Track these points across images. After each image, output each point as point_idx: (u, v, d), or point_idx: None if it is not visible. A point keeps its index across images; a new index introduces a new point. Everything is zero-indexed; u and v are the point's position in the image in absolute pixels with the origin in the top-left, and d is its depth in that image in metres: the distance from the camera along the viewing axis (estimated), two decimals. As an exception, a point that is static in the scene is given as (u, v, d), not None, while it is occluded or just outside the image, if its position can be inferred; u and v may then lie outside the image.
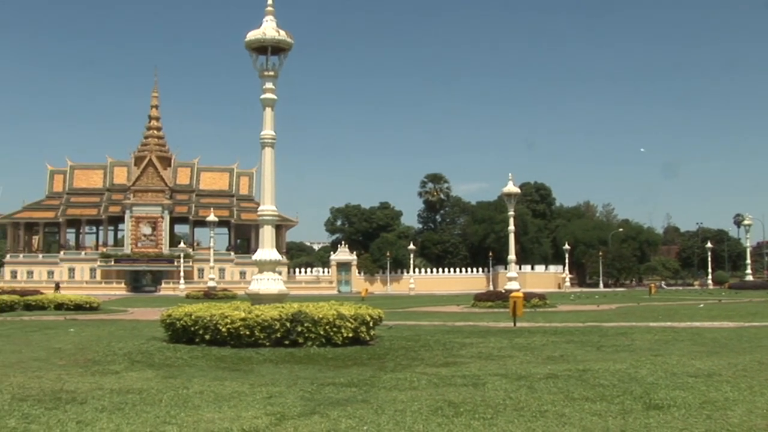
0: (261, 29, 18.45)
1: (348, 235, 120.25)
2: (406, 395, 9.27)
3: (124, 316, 31.74)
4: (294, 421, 7.72)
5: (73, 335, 19.33)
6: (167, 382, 10.49)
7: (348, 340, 15.22)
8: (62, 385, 10.18)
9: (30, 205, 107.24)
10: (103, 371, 11.75)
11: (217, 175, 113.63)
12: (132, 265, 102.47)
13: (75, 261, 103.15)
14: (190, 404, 8.68)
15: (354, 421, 7.67)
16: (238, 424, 7.51)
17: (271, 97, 18.68)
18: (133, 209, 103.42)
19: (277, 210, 19.12)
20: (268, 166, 18.78)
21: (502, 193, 41.63)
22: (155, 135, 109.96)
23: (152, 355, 13.98)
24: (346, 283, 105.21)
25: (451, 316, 30.34)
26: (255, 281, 18.44)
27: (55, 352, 14.75)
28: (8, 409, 8.35)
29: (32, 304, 34.30)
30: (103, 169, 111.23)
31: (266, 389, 9.73)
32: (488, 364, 12.58)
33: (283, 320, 15.06)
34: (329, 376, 11.08)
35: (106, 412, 8.20)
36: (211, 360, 13.17)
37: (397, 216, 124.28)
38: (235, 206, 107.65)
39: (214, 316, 15.42)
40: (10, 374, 11.33)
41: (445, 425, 7.51)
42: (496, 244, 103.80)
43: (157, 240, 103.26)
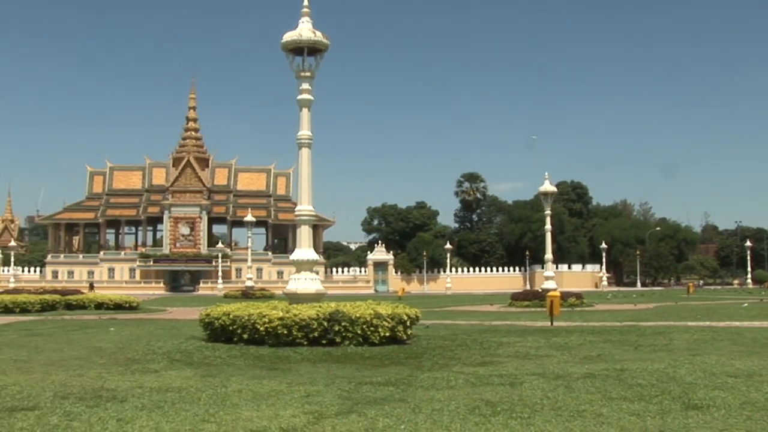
0: (297, 30, 18.50)
1: (385, 234, 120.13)
2: (443, 394, 9.26)
3: (163, 315, 32.00)
4: (332, 419, 7.74)
5: (113, 334, 19.53)
6: (206, 380, 10.57)
7: (385, 340, 15.24)
8: (103, 383, 10.29)
9: (70, 206, 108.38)
10: (143, 370, 11.87)
11: (254, 175, 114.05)
12: (171, 265, 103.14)
13: (114, 261, 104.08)
14: (228, 403, 8.74)
15: (391, 420, 7.68)
16: (276, 423, 7.55)
17: (307, 97, 18.73)
18: (171, 210, 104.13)
19: (314, 210, 19.15)
20: (305, 166, 18.83)
21: (539, 192, 41.46)
22: (193, 136, 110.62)
23: (191, 354, 14.09)
24: (383, 282, 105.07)
25: (488, 315, 30.26)
26: (293, 281, 18.50)
27: (95, 351, 14.91)
28: (51, 407, 8.46)
29: (73, 304, 34.73)
30: (142, 170, 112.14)
31: (304, 388, 9.77)
32: (525, 364, 12.54)
33: (320, 319, 15.10)
34: (366, 375, 11.10)
35: (146, 410, 8.28)
36: (250, 359, 13.24)
37: (433, 215, 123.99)
38: (273, 206, 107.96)
39: (252, 316, 15.50)
40: (52, 372, 11.49)
41: (483, 424, 7.50)
42: (533, 244, 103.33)
43: (196, 240, 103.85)
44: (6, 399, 9.00)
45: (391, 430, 7.31)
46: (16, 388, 9.85)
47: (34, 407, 8.45)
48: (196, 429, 7.36)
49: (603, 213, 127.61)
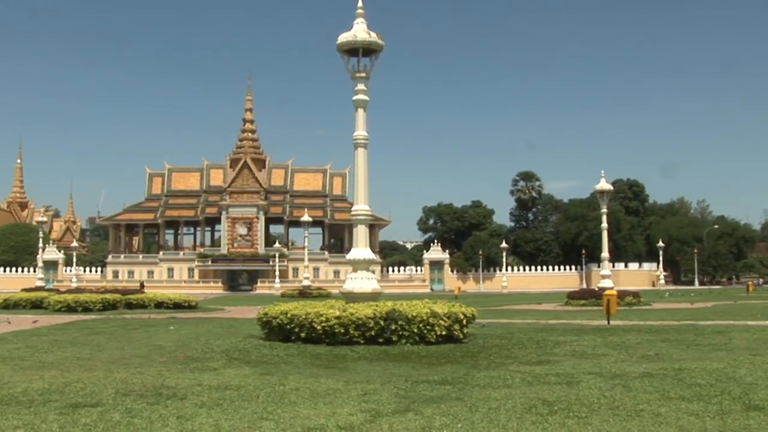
0: (352, 32, 18.55)
1: (440, 233, 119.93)
2: (499, 393, 9.23)
3: (221, 314, 32.29)
4: (388, 418, 7.75)
5: (173, 333, 19.78)
6: (264, 378, 10.65)
7: (441, 338, 15.22)
8: (163, 381, 10.43)
9: (130, 208, 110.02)
10: (202, 368, 12.00)
11: (310, 176, 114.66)
12: (228, 264, 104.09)
13: (173, 261, 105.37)
14: (286, 400, 8.80)
15: (448, 419, 7.67)
16: (333, 421, 7.58)
17: (363, 98, 18.77)
18: (229, 210, 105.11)
19: (370, 210, 19.17)
20: (361, 166, 18.87)
21: (595, 190, 41.14)
22: (250, 138, 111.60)
23: (249, 352, 14.21)
24: (438, 281, 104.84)
25: (544, 314, 30.05)
26: (349, 280, 18.55)
27: (155, 349, 15.12)
28: (112, 404, 8.60)
29: (133, 303, 35.21)
30: (200, 171, 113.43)
31: (361, 386, 9.80)
32: (582, 363, 12.44)
33: (377, 318, 15.13)
34: (423, 373, 11.09)
35: (206, 407, 8.38)
36: (307, 357, 13.31)
37: (489, 214, 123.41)
38: (329, 206, 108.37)
39: (309, 315, 15.58)
40: (114, 370, 11.67)
41: (539, 423, 7.46)
42: (589, 242, 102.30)
43: (253, 240, 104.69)
44: (70, 395, 9.17)
45: (447, 428, 7.30)
46: (80, 384, 10.03)
47: (96, 404, 8.60)
48: (255, 426, 7.41)
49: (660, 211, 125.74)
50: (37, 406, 8.47)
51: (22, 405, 8.57)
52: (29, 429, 7.30)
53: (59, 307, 32.28)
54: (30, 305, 35.33)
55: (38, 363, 12.83)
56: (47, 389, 9.69)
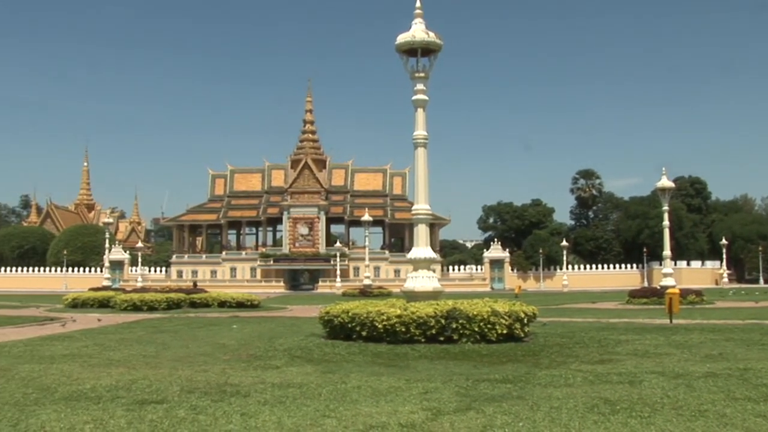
0: (410, 32, 18.58)
1: (500, 232, 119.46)
2: (561, 392, 9.18)
3: (283, 313, 32.56)
4: (450, 416, 7.76)
5: (236, 331, 20.01)
6: (326, 377, 10.73)
7: (502, 337, 15.18)
8: (227, 378, 10.57)
9: (193, 208, 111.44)
10: (265, 366, 12.12)
11: (370, 175, 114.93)
12: (290, 264, 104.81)
13: (236, 261, 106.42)
14: (348, 398, 8.86)
15: (509, 418, 7.65)
16: (395, 419, 7.61)
17: (422, 98, 18.78)
18: (290, 210, 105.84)
19: (430, 209, 19.16)
20: (420, 165, 18.89)
21: (656, 187, 40.69)
22: (310, 138, 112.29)
23: (311, 350, 14.32)
24: (499, 280, 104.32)
25: (605, 312, 29.77)
26: (410, 279, 18.56)
27: (219, 348, 15.31)
28: (178, 401, 8.74)
29: (197, 302, 35.67)
30: (261, 172, 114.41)
31: (422, 385, 9.82)
32: (644, 362, 12.30)
33: (438, 317, 15.14)
34: (484, 372, 11.08)
35: (269, 405, 8.46)
36: (368, 356, 13.37)
37: (549, 213, 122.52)
38: (389, 206, 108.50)
39: (370, 313, 15.64)
40: (179, 368, 11.86)
41: (602, 423, 7.41)
42: (650, 240, 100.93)
43: (314, 240, 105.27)
44: (136, 392, 9.35)
45: (509, 427, 7.28)
46: (146, 382, 10.22)
47: (162, 400, 8.75)
48: (317, 424, 7.46)
49: (723, 208, 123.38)
50: (105, 403, 8.65)
51: (91, 401, 8.76)
52: (98, 424, 7.45)
53: (125, 306, 32.87)
54: (97, 304, 36.00)
55: (106, 360, 13.10)
56: (115, 386, 9.89)
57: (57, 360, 13.17)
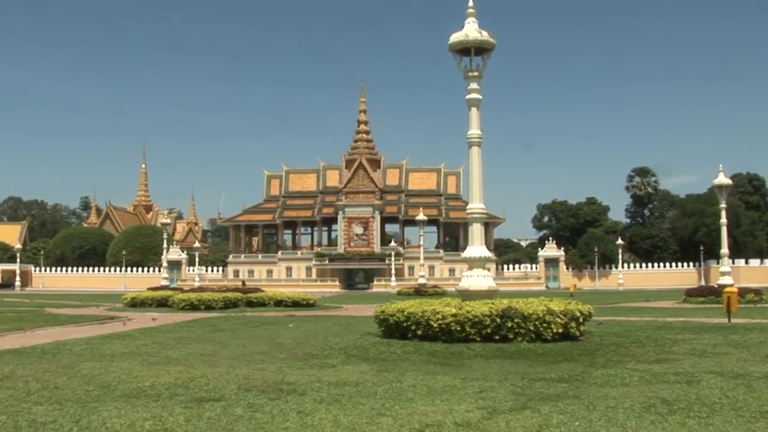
0: (463, 31, 18.53)
1: (555, 231, 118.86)
2: (617, 392, 9.09)
3: (338, 312, 32.67)
4: (505, 415, 7.72)
5: (292, 330, 20.14)
6: (381, 375, 10.74)
7: (558, 336, 15.08)
8: (283, 377, 10.64)
9: (249, 209, 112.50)
10: (321, 364, 12.17)
11: (425, 175, 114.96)
12: (345, 263, 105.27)
13: (292, 260, 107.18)
14: (404, 397, 8.86)
15: (565, 417, 7.59)
16: (450, 418, 7.59)
17: (476, 97, 18.71)
18: (345, 210, 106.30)
19: (485, 208, 19.08)
20: (475, 164, 18.83)
21: (713, 185, 40.14)
22: (364, 138, 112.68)
23: (367, 349, 14.35)
24: (554, 279, 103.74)
25: (662, 311, 29.41)
26: (465, 278, 18.52)
27: (276, 346, 15.41)
28: (235, 399, 8.82)
29: (254, 301, 35.99)
30: (316, 172, 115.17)
31: (477, 383, 9.79)
32: (702, 361, 12.12)
33: (493, 316, 15.08)
34: (539, 371, 11.01)
35: (325, 403, 8.50)
36: (423, 354, 13.36)
37: (604, 211, 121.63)
38: (443, 205, 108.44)
39: (425, 312, 15.64)
40: (236, 366, 11.97)
41: (659, 423, 7.30)
42: (707, 238, 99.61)
43: (369, 239, 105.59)
44: (195, 390, 9.46)
45: (565, 427, 7.22)
46: (204, 380, 10.33)
47: (220, 398, 8.84)
48: (373, 422, 7.46)
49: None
50: (164, 400, 8.76)
51: (150, 398, 8.89)
52: (157, 421, 7.55)
53: (183, 305, 33.28)
54: (156, 303, 36.48)
55: (165, 359, 13.27)
56: (173, 384, 10.01)
57: (117, 358, 13.38)
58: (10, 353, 14.38)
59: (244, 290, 39.93)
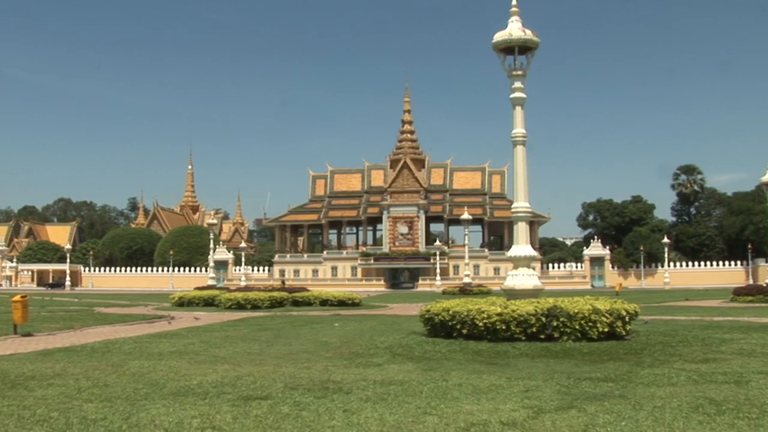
0: (507, 30, 18.48)
1: (600, 229, 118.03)
2: (664, 391, 9.01)
3: (384, 311, 32.71)
4: (551, 414, 7.70)
5: (338, 329, 20.22)
6: (427, 374, 10.76)
7: (603, 335, 14.98)
8: (329, 375, 10.69)
9: (295, 209, 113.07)
10: (366, 363, 12.22)
11: (469, 174, 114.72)
12: (390, 263, 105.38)
13: (337, 260, 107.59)
14: (449, 396, 8.87)
15: (611, 417, 7.54)
16: (496, 417, 7.58)
17: (520, 96, 18.65)
18: (390, 210, 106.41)
19: (530, 206, 19.02)
20: (520, 163, 18.77)
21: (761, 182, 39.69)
22: (408, 138, 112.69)
23: (412, 348, 14.37)
24: (599, 277, 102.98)
25: (709, 310, 29.06)
26: (510, 277, 18.47)
27: (321, 345, 15.49)
28: (282, 397, 8.89)
29: (299, 301, 36.15)
30: (361, 172, 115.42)
31: (523, 383, 9.77)
32: (751, 361, 11.97)
33: (538, 315, 15.03)
34: (585, 370, 10.95)
35: (371, 401, 8.53)
36: (469, 353, 13.35)
37: (649, 209, 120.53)
38: (488, 204, 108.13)
39: (470, 311, 15.62)
40: (282, 365, 12.06)
41: (707, 424, 7.22)
42: (755, 236, 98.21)
43: (414, 238, 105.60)
44: (242, 388, 9.54)
45: (611, 426, 7.17)
46: (250, 378, 10.42)
47: (266, 397, 8.91)
48: (419, 421, 7.48)
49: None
50: (212, 398, 8.86)
51: (197, 396, 9.00)
52: (205, 419, 7.63)
53: (230, 304, 33.53)
54: (203, 303, 36.78)
55: (212, 357, 13.41)
56: (220, 382, 10.11)
57: (165, 356, 13.54)
58: (62, 351, 14.63)
59: (289, 289, 40.12)
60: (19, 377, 10.76)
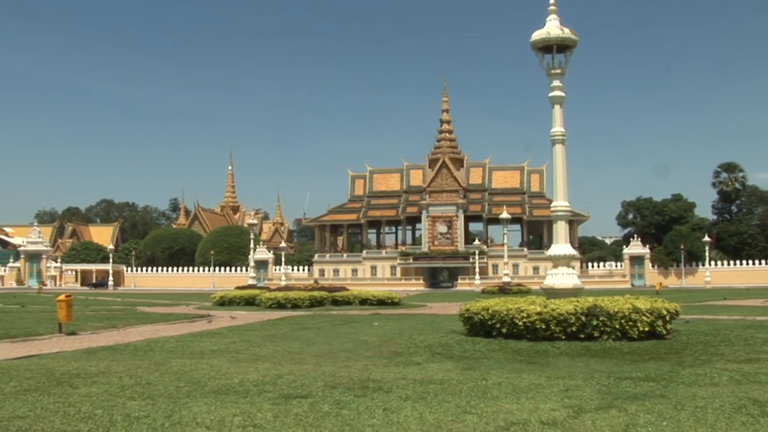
0: (545, 28, 18.45)
1: (640, 228, 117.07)
2: (706, 391, 8.95)
3: (423, 310, 32.70)
4: (591, 414, 7.69)
5: (377, 328, 20.28)
6: (466, 373, 10.78)
7: (644, 334, 14.91)
8: (369, 374, 10.75)
9: (334, 209, 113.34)
10: (406, 362, 12.26)
11: (508, 173, 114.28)
12: (429, 262, 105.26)
13: (376, 259, 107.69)
14: (489, 395, 8.88)
15: (652, 417, 7.51)
16: (536, 416, 7.59)
17: (559, 94, 18.61)
18: (429, 209, 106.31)
19: (569, 205, 18.98)
20: (559, 162, 18.73)
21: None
22: (447, 138, 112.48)
23: (451, 347, 14.39)
24: (639, 276, 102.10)
25: (752, 310, 28.73)
26: (550, 276, 18.44)
27: (361, 344, 15.56)
28: (322, 395, 8.96)
29: (339, 300, 36.27)
30: (400, 172, 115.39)
31: (563, 382, 9.76)
32: (796, 362, 11.83)
33: (578, 314, 14.99)
34: (626, 370, 10.91)
35: (410, 400, 8.57)
36: (508, 353, 13.35)
37: (690, 208, 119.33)
38: (527, 203, 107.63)
39: (510, 311, 15.62)
40: (323, 363, 12.14)
41: (750, 425, 7.16)
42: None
43: (453, 238, 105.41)
44: (282, 387, 9.63)
45: (652, 426, 7.14)
46: (291, 377, 10.50)
47: (307, 395, 8.99)
48: (459, 420, 7.51)
49: None
50: (253, 396, 8.95)
51: (239, 394, 9.09)
52: (246, 417, 7.71)
53: (270, 303, 33.71)
54: (243, 302, 36.97)
55: (252, 356, 13.52)
56: (261, 380, 10.20)
57: (206, 355, 13.69)
58: (105, 350, 14.84)
59: (329, 289, 40.26)
60: (64, 375, 10.94)
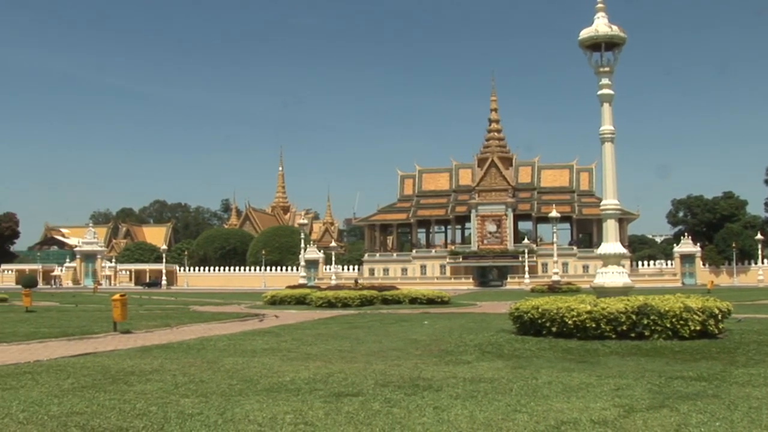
0: (593, 26, 18.37)
1: (691, 226, 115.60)
2: (760, 392, 8.87)
3: (472, 309, 32.70)
4: (643, 413, 7.67)
5: (427, 327, 20.33)
6: (516, 372, 10.79)
7: (695, 333, 14.76)
8: (419, 373, 10.81)
9: (384, 208, 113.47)
10: (456, 361, 12.30)
11: (557, 172, 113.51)
12: (478, 261, 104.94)
13: (426, 258, 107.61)
14: (539, 394, 8.90)
15: (705, 417, 7.46)
16: (586, 415, 7.59)
17: (608, 92, 18.52)
18: (478, 208, 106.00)
19: (619, 204, 18.89)
20: (608, 160, 18.63)
21: None
22: (495, 137, 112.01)
23: (501, 346, 14.39)
24: (690, 275, 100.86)
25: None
26: (600, 274, 18.35)
27: (411, 343, 15.62)
28: (372, 394, 9.05)
29: (389, 299, 36.33)
30: (449, 171, 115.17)
31: (613, 381, 9.73)
32: None
33: (628, 313, 14.91)
34: (677, 369, 10.83)
35: (460, 399, 8.62)
36: (558, 351, 13.33)
37: (741, 205, 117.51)
38: (576, 202, 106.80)
39: (560, 309, 15.58)
40: (373, 362, 12.23)
41: (807, 424, 7.09)
42: None
43: (502, 237, 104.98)
44: (333, 385, 9.73)
45: (705, 426, 7.09)
46: (342, 375, 10.61)
47: (357, 393, 9.07)
48: (509, 419, 7.52)
49: None
50: (304, 394, 9.06)
51: (290, 392, 9.21)
52: (297, 415, 7.81)
53: (320, 302, 33.89)
54: (294, 301, 37.17)
55: (304, 354, 13.65)
56: (312, 379, 10.32)
57: (258, 353, 13.85)
58: (159, 348, 15.10)
59: (379, 288, 40.34)
60: (119, 372, 11.17)
